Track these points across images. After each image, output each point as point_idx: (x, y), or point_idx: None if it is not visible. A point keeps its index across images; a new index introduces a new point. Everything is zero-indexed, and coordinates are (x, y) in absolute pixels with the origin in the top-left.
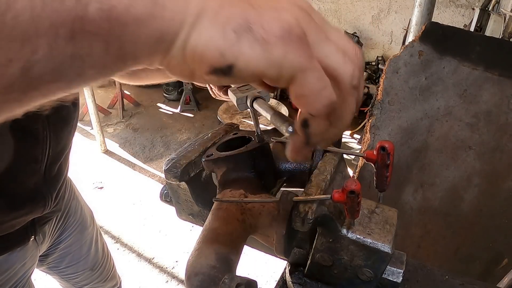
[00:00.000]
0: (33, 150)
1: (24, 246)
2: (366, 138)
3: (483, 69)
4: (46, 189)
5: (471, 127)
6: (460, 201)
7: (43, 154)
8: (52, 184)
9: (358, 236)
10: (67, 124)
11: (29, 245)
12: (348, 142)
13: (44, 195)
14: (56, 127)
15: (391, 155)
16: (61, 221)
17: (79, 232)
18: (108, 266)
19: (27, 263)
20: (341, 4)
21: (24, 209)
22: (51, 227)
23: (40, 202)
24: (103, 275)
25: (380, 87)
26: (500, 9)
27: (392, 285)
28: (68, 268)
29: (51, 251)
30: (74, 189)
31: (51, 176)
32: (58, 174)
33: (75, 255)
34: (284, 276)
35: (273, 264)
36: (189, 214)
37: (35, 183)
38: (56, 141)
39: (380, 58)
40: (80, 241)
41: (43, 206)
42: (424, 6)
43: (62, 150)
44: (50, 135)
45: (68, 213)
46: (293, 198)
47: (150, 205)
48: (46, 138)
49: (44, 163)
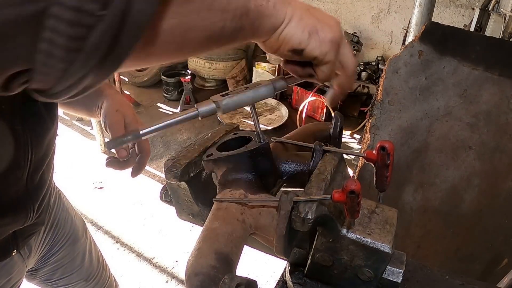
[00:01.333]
0: (15, 154)
1: (8, 261)
2: (366, 138)
3: (483, 69)
4: (28, 199)
5: (471, 127)
6: (460, 201)
7: (26, 160)
8: (35, 194)
9: (358, 236)
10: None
11: (14, 260)
12: (348, 142)
13: (25, 205)
14: (36, 131)
15: (391, 155)
16: (50, 234)
17: (70, 244)
18: (104, 276)
19: (13, 278)
20: (341, 4)
21: (4, 219)
22: (38, 241)
23: (21, 213)
24: (99, 285)
25: (380, 87)
26: (500, 9)
27: (392, 285)
28: (61, 280)
29: (41, 265)
30: (64, 200)
31: (33, 184)
32: (40, 183)
33: (68, 268)
34: (284, 276)
35: (273, 264)
36: (189, 214)
37: (17, 192)
38: (37, 146)
39: (380, 58)
40: (73, 253)
41: (24, 217)
42: (424, 6)
43: (44, 157)
44: (31, 138)
45: (57, 226)
46: (293, 198)
47: (150, 205)
48: (27, 142)
49: (27, 170)
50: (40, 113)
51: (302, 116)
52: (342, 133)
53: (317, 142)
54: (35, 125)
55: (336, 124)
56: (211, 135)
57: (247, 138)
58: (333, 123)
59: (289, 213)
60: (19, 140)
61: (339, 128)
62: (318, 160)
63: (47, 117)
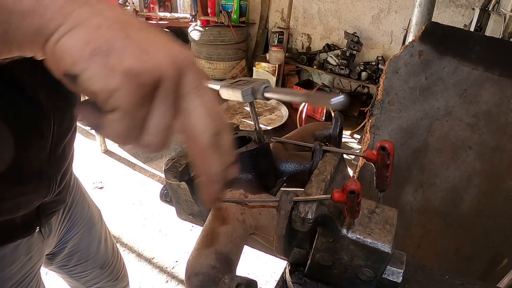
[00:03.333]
0: (39, 123)
1: (30, 237)
2: (366, 138)
3: (483, 69)
4: (50, 169)
5: (471, 127)
6: (460, 201)
7: (49, 130)
8: (57, 165)
9: (358, 236)
10: (68, 105)
11: (34, 238)
12: (348, 142)
13: (48, 175)
14: (58, 106)
15: (391, 155)
16: (68, 216)
17: (87, 229)
18: (118, 265)
19: (33, 257)
20: (341, 4)
21: (30, 186)
22: (58, 222)
23: (44, 182)
24: (113, 274)
25: (380, 87)
26: (500, 9)
27: (392, 285)
28: (77, 267)
29: (59, 250)
30: (81, 186)
31: (56, 156)
32: (62, 156)
33: (83, 253)
34: (284, 276)
35: (273, 264)
36: (189, 214)
37: (41, 161)
38: (60, 119)
39: (380, 58)
40: (88, 239)
41: (47, 187)
42: (424, 6)
43: (66, 131)
44: (54, 111)
45: (75, 208)
46: (293, 198)
47: (150, 205)
48: (51, 113)
49: (50, 140)
50: (62, 87)
51: (302, 116)
52: (342, 133)
53: (317, 142)
54: (58, 98)
55: (336, 124)
56: None
57: (247, 138)
58: (333, 123)
59: (289, 213)
60: (42, 110)
61: (339, 128)
62: (318, 160)
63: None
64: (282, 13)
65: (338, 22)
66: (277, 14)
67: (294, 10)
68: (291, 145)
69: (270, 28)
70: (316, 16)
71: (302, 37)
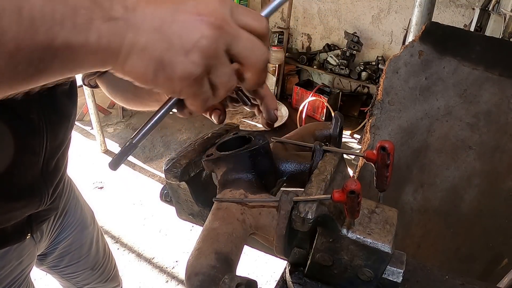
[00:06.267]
0: (31, 141)
1: (21, 243)
2: (366, 138)
3: (483, 69)
4: (43, 184)
5: (471, 127)
6: (460, 201)
7: (41, 147)
8: (49, 179)
9: (358, 236)
10: (64, 118)
11: (26, 243)
12: (348, 142)
13: (41, 190)
14: (52, 120)
15: (391, 155)
16: (60, 220)
17: (79, 231)
18: (109, 266)
19: (24, 261)
20: (341, 4)
21: (20, 202)
22: (49, 226)
23: (36, 197)
24: (104, 275)
25: (380, 87)
26: (500, 9)
27: (392, 285)
28: (68, 268)
29: (50, 250)
30: (74, 188)
31: (49, 171)
32: (55, 169)
33: (75, 255)
34: (284, 276)
35: (273, 264)
36: (189, 214)
37: (32, 176)
38: (53, 134)
39: (380, 58)
40: (80, 241)
41: (39, 201)
42: (424, 6)
43: (60, 145)
44: (47, 127)
45: (68, 212)
46: (293, 198)
47: (150, 205)
48: (43, 130)
49: (42, 156)
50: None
51: (302, 116)
52: (342, 133)
53: (317, 142)
54: (52, 115)
55: (336, 124)
56: (211, 135)
57: (247, 138)
58: (333, 123)
59: (289, 213)
60: (34, 128)
61: (339, 128)
62: (318, 160)
63: (64, 108)
64: (282, 13)
65: (338, 22)
66: (277, 14)
67: (294, 10)
68: (291, 145)
69: (270, 28)
70: (316, 16)
71: (302, 37)
